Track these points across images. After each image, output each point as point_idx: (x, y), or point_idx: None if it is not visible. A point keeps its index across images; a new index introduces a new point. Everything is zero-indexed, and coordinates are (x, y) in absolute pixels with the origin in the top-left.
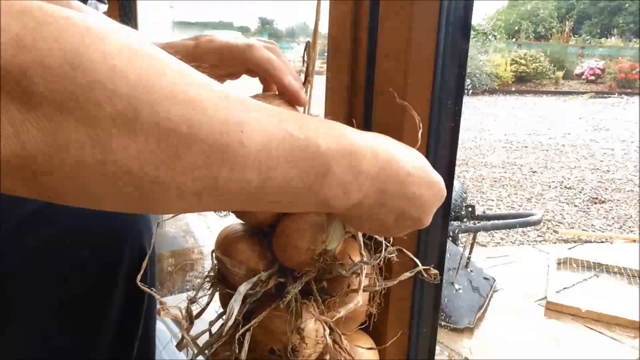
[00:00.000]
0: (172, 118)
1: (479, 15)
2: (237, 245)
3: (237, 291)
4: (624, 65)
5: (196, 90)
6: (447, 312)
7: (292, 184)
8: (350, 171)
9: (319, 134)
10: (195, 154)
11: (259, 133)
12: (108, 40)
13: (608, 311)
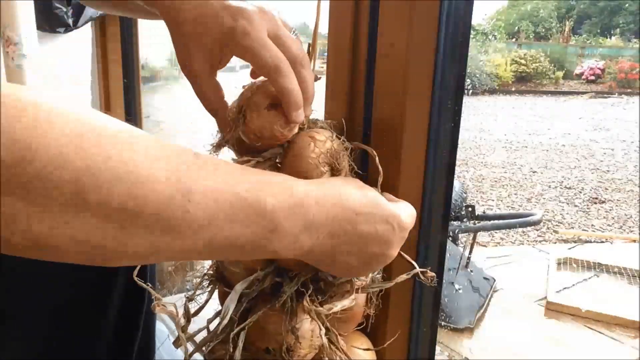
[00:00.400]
0: (118, 197)
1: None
2: None
3: (233, 290)
4: (624, 65)
5: (146, 169)
6: (447, 312)
7: (241, 241)
8: (299, 223)
9: (268, 192)
10: (140, 225)
11: (207, 200)
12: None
13: (608, 311)
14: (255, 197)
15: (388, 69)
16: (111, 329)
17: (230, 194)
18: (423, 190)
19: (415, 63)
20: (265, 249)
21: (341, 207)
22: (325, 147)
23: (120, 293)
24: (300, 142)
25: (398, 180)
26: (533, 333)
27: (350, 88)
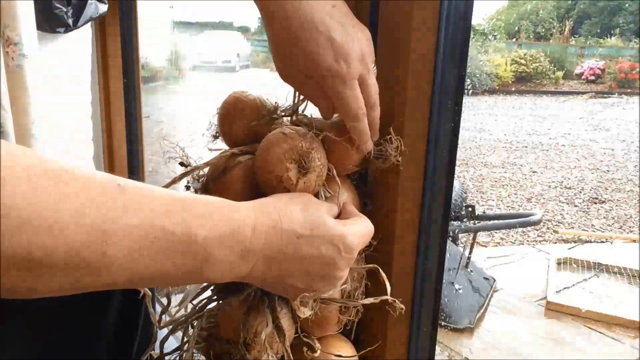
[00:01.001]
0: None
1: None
2: None
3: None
4: (624, 65)
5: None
6: (447, 312)
7: (171, 273)
8: (234, 251)
9: (199, 224)
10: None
11: (129, 239)
12: None
13: (608, 311)
14: (184, 229)
15: (388, 69)
16: (111, 329)
17: (156, 229)
18: (423, 190)
19: (415, 63)
20: (200, 276)
21: (280, 230)
22: (294, 144)
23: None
24: (271, 137)
25: (398, 180)
26: (533, 333)
27: None
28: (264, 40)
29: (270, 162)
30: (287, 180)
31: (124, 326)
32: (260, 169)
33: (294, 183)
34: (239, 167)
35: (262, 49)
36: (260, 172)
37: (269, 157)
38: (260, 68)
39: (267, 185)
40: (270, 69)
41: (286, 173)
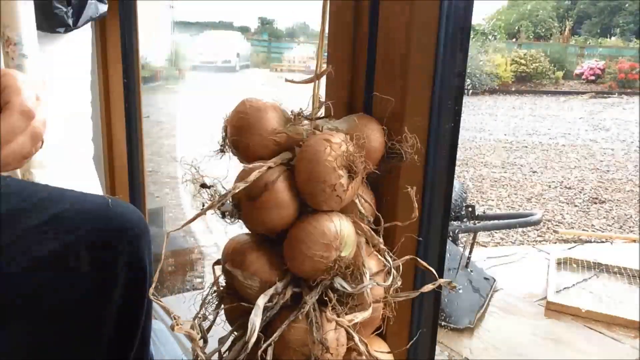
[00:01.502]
0: None
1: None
2: (248, 256)
3: (255, 305)
4: (624, 65)
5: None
6: (447, 312)
7: None
8: None
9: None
10: None
11: None
12: None
13: (608, 311)
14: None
15: (388, 69)
16: (110, 332)
17: None
18: (423, 190)
19: (416, 63)
20: None
21: None
22: (342, 150)
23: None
24: (314, 145)
25: (399, 180)
26: (533, 333)
27: (350, 88)
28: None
29: (322, 171)
30: (340, 187)
31: (122, 334)
32: (309, 180)
33: (345, 189)
34: (280, 179)
35: (262, 49)
36: (309, 182)
37: (320, 166)
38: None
39: (318, 194)
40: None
41: (339, 180)
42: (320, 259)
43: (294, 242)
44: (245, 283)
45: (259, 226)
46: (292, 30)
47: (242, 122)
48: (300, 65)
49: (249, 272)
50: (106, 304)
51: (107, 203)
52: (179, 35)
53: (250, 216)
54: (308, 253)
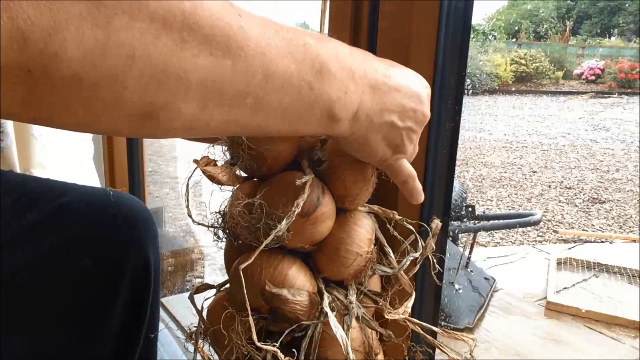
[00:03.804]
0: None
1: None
2: (288, 271)
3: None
4: (624, 65)
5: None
6: (447, 312)
7: (293, 82)
8: (343, 69)
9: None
10: (200, 38)
11: (255, 21)
12: None
13: (608, 311)
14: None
15: None
16: (113, 337)
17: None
18: (423, 190)
19: (415, 63)
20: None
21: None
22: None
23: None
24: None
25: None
26: (533, 333)
27: None
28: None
29: (367, 171)
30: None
31: (126, 334)
32: (356, 182)
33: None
34: (325, 191)
35: None
36: (356, 184)
37: (365, 166)
38: None
39: (362, 194)
40: None
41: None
42: (367, 254)
43: (342, 246)
44: (295, 300)
45: (307, 242)
46: None
47: None
48: None
49: (295, 288)
50: (112, 295)
51: (111, 196)
52: None
53: (302, 234)
54: (359, 251)
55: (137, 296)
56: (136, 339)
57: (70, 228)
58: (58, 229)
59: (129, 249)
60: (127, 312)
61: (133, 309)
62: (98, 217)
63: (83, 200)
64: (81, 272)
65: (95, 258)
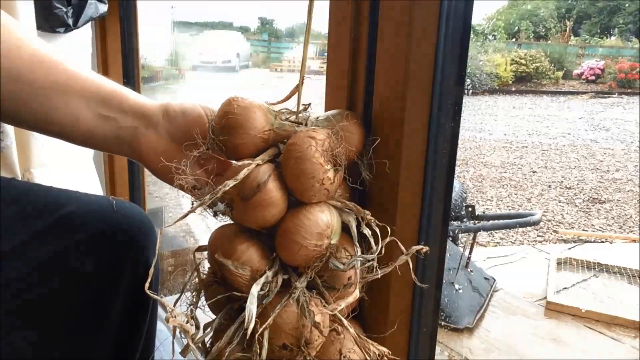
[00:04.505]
0: None
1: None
2: (238, 246)
3: (250, 294)
4: (624, 65)
5: None
6: (447, 312)
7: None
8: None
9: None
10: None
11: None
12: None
13: (608, 311)
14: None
15: (388, 69)
16: (112, 339)
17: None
18: (423, 190)
19: (415, 63)
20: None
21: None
22: (327, 146)
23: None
24: (300, 143)
25: (398, 180)
26: (533, 333)
27: (350, 88)
28: (264, 40)
29: (310, 168)
30: (327, 181)
31: (125, 336)
32: (299, 177)
33: (333, 182)
34: (271, 178)
35: (262, 49)
36: (299, 179)
37: (308, 163)
38: (260, 68)
39: (308, 190)
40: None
41: (326, 175)
42: (315, 247)
43: (288, 234)
44: (237, 272)
45: (252, 224)
46: (292, 30)
47: (231, 122)
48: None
49: (240, 262)
50: (112, 303)
51: (113, 204)
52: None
53: (244, 215)
54: (304, 243)
55: (137, 299)
56: (136, 340)
57: (73, 236)
58: (62, 236)
59: (130, 257)
60: (127, 314)
61: (133, 314)
62: (101, 226)
63: (86, 209)
64: (83, 276)
65: (97, 265)
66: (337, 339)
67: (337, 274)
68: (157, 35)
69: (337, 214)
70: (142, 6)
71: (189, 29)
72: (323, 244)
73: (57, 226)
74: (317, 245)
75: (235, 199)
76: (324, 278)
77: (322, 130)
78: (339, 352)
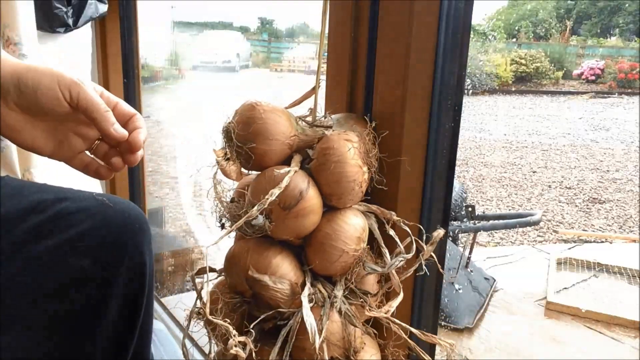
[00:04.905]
0: None
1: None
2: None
3: (303, 307)
4: (624, 65)
5: None
6: (447, 312)
7: None
8: None
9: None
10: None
11: None
12: None
13: (608, 311)
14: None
15: (388, 69)
16: (106, 339)
17: None
18: (423, 190)
19: (415, 63)
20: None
21: None
22: (362, 148)
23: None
24: (340, 148)
25: (398, 180)
26: (533, 333)
27: (350, 88)
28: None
29: (352, 171)
30: (365, 183)
31: (120, 337)
32: (340, 181)
33: (367, 183)
34: (310, 185)
35: (262, 49)
36: (340, 183)
37: (349, 167)
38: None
39: (347, 193)
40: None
41: (364, 177)
42: (354, 252)
43: (328, 241)
44: (276, 288)
45: (290, 234)
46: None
47: (258, 128)
48: (300, 65)
49: (277, 276)
50: (107, 299)
51: (107, 200)
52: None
53: (283, 226)
54: (345, 248)
55: (133, 297)
56: (130, 338)
57: (68, 232)
58: (56, 233)
59: (125, 252)
60: (122, 312)
61: (128, 310)
62: (95, 222)
63: (81, 205)
64: (78, 273)
65: (92, 261)
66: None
67: (365, 279)
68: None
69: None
70: (142, 6)
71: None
72: (360, 248)
73: (52, 222)
74: (356, 250)
75: (274, 210)
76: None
77: (353, 133)
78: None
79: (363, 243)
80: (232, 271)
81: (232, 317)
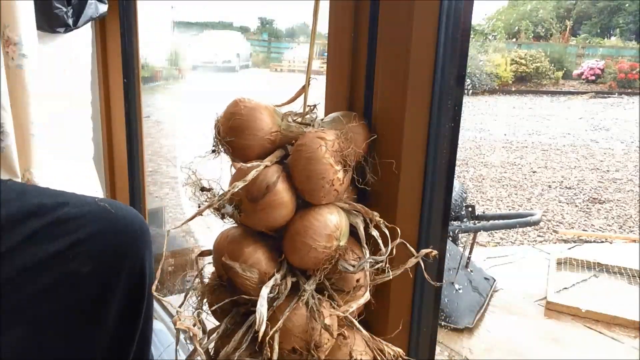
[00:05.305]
0: None
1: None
2: (245, 249)
3: (260, 296)
4: (624, 65)
5: None
6: (447, 312)
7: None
8: None
9: None
10: None
11: None
12: None
13: (608, 311)
14: None
15: (388, 69)
16: (107, 341)
17: None
18: (423, 190)
19: (415, 63)
20: None
21: None
22: (337, 147)
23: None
24: (311, 144)
25: (398, 180)
26: (533, 333)
27: (350, 88)
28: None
29: (321, 168)
30: (337, 182)
31: (120, 338)
32: (309, 178)
33: (342, 183)
34: (280, 179)
35: (262, 49)
36: (309, 180)
37: (318, 164)
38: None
39: (318, 190)
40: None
41: (336, 176)
42: (324, 249)
43: (297, 236)
44: (245, 275)
45: (261, 226)
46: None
47: (237, 123)
48: (300, 65)
49: (248, 264)
50: (108, 304)
51: (109, 206)
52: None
53: (253, 217)
54: (313, 245)
55: (133, 300)
56: (130, 343)
57: (69, 237)
58: (58, 237)
59: (125, 256)
60: (122, 318)
61: (128, 315)
62: (96, 228)
63: (82, 210)
64: (79, 277)
65: (93, 266)
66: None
67: (346, 277)
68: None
69: (345, 215)
70: (142, 6)
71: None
72: (332, 245)
73: (54, 227)
74: (326, 247)
75: (243, 201)
76: (333, 281)
77: (331, 131)
78: (349, 354)
79: (336, 241)
80: (216, 256)
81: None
